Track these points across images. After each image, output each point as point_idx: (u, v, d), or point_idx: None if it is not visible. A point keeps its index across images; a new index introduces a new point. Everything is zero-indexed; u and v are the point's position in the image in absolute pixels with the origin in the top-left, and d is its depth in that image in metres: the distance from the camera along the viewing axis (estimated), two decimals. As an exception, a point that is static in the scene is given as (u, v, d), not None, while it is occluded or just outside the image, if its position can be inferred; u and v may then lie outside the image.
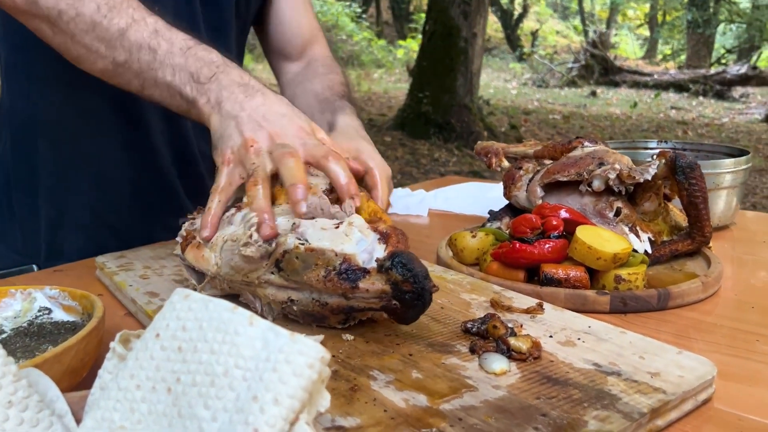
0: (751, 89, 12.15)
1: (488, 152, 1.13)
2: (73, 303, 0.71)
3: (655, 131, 8.29)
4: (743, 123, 9.17)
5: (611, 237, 0.84)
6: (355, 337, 0.68)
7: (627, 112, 9.79)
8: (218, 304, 0.43)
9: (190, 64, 0.81)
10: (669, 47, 18.82)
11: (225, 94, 0.79)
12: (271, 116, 0.77)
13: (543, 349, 0.64)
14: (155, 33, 0.82)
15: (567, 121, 8.72)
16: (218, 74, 0.80)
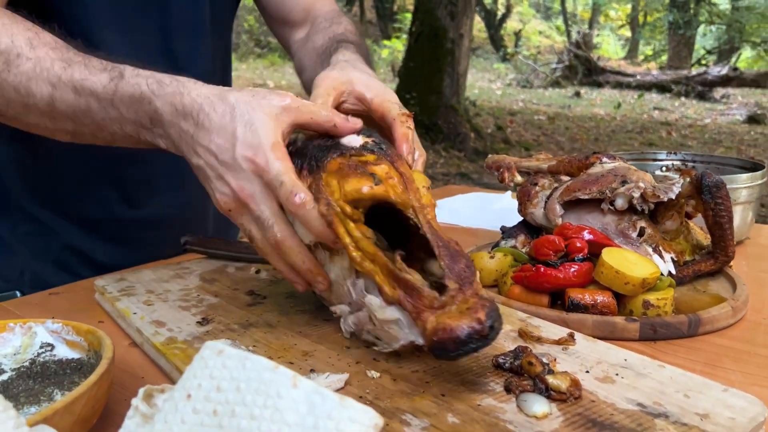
0: (731, 90, 12.29)
1: (500, 166, 1.10)
2: (78, 338, 0.66)
3: (640, 132, 8.33)
4: (725, 124, 9.26)
5: (638, 260, 0.81)
6: (381, 374, 0.64)
7: (611, 112, 9.84)
8: (257, 362, 0.39)
9: (124, 112, 0.73)
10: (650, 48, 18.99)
11: (175, 137, 0.71)
12: (224, 154, 0.67)
13: (582, 387, 0.61)
14: (76, 91, 0.74)
15: (552, 122, 8.74)
16: (155, 114, 0.71)
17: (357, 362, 0.67)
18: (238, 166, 0.66)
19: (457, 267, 0.63)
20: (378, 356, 0.68)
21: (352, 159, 0.68)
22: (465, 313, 0.58)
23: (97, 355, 0.64)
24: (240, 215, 0.69)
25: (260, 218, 0.67)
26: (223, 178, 0.68)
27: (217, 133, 0.68)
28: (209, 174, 0.69)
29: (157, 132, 0.73)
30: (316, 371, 0.65)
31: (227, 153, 0.67)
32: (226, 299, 0.85)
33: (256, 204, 0.67)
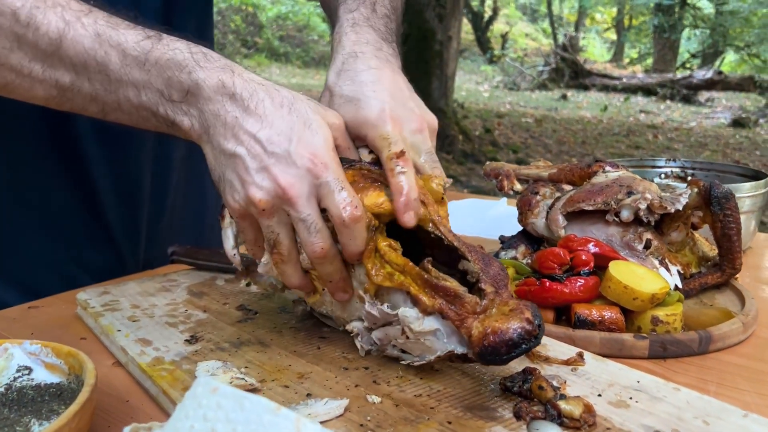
0: (716, 94, 12.38)
1: (499, 174, 1.06)
2: (58, 361, 0.62)
3: (626, 135, 8.36)
4: (711, 127, 9.32)
5: (646, 274, 0.78)
6: (382, 399, 0.61)
7: (597, 115, 9.88)
8: (257, 403, 0.36)
9: (153, 76, 0.63)
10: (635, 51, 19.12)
11: (210, 117, 0.62)
12: (275, 146, 0.61)
13: (596, 413, 0.58)
14: (98, 38, 0.63)
15: (539, 124, 8.75)
16: (194, 86, 0.63)
17: (356, 385, 0.63)
18: (292, 162, 0.60)
19: (491, 270, 0.62)
20: (378, 378, 0.64)
21: (364, 172, 0.66)
22: (510, 314, 0.57)
23: (78, 379, 0.59)
24: (272, 216, 0.62)
25: (305, 222, 0.61)
26: (268, 171, 0.60)
27: (271, 122, 0.61)
28: (249, 165, 0.61)
29: (186, 108, 0.63)
30: (313, 396, 0.61)
31: (281, 145, 0.61)
32: (216, 315, 0.81)
33: (302, 205, 0.60)
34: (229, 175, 0.63)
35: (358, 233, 0.61)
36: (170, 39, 0.65)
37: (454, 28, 6.96)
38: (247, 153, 0.61)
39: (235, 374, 0.62)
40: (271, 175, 0.60)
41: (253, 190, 0.61)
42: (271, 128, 0.61)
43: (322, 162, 0.61)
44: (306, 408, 0.57)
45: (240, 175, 0.62)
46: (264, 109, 0.62)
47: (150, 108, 0.65)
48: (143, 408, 0.65)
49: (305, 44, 13.13)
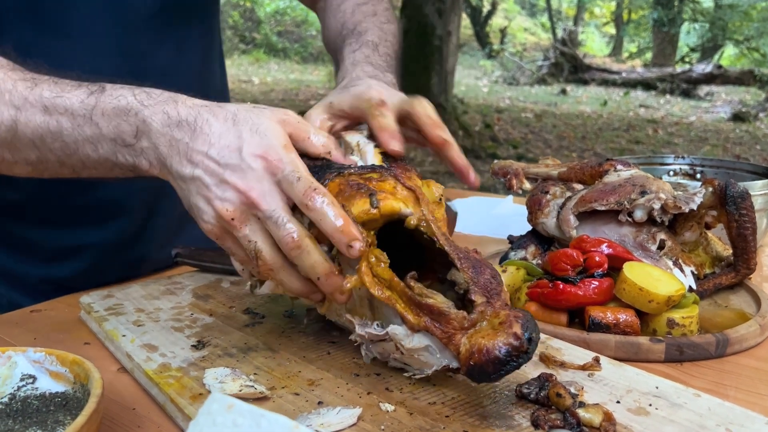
0: (715, 88, 12.35)
1: (507, 173, 1.05)
2: (62, 369, 0.60)
3: (626, 130, 8.34)
4: (711, 122, 9.30)
5: (661, 276, 0.77)
6: (396, 407, 0.59)
7: (597, 110, 9.85)
8: (274, 421, 0.34)
9: (104, 128, 0.66)
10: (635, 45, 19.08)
11: (163, 150, 0.64)
12: (227, 157, 0.62)
13: (615, 421, 0.56)
14: (46, 110, 0.67)
15: (539, 119, 8.73)
16: (143, 125, 0.65)
17: (368, 393, 0.62)
18: (246, 166, 0.61)
19: (482, 279, 0.59)
20: (391, 385, 0.63)
21: (352, 178, 0.63)
22: (498, 329, 0.54)
23: (83, 388, 0.58)
24: (244, 224, 0.62)
25: (271, 218, 0.61)
26: (226, 182, 0.61)
27: (219, 137, 0.63)
28: (208, 181, 0.62)
29: (140, 147, 0.65)
30: (324, 404, 0.59)
31: (233, 155, 0.62)
32: (222, 319, 0.80)
33: (267, 203, 0.61)
34: (195, 199, 0.64)
35: (327, 215, 0.60)
36: (113, 88, 0.67)
37: (453, 23, 6.93)
38: (204, 172, 0.63)
39: (244, 382, 0.60)
40: (230, 185, 0.62)
41: (218, 204, 0.62)
42: (220, 142, 0.63)
43: (276, 158, 0.62)
44: (318, 417, 0.56)
45: (203, 194, 0.63)
46: (210, 127, 0.64)
47: (109, 159, 0.67)
48: (150, 416, 0.63)
49: (303, 40, 13.08)
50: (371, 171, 0.65)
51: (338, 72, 0.87)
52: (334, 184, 0.63)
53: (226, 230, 0.63)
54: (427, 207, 0.64)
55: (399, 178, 0.65)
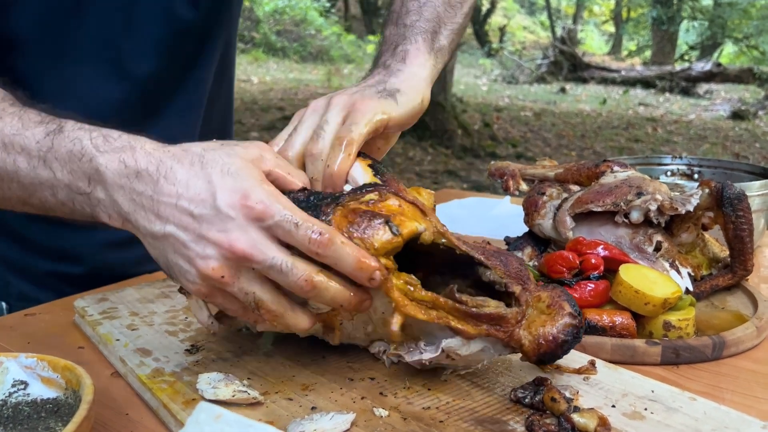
0: (714, 86, 12.34)
1: (504, 174, 1.04)
2: (54, 375, 0.60)
3: (626, 129, 8.34)
4: (710, 120, 9.30)
5: (657, 278, 0.76)
6: (390, 412, 0.59)
7: (597, 108, 9.85)
8: (262, 431, 0.34)
9: (57, 173, 0.60)
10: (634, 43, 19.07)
11: (124, 204, 0.57)
12: (201, 207, 0.55)
13: (610, 426, 0.56)
14: (5, 148, 0.62)
15: (539, 118, 8.72)
16: (95, 174, 0.58)
17: (362, 397, 0.61)
18: (225, 216, 0.54)
19: (512, 269, 0.61)
20: (385, 390, 0.63)
21: (352, 205, 0.59)
22: (550, 312, 0.59)
23: (75, 394, 0.58)
24: (236, 279, 0.56)
25: (273, 267, 0.55)
26: (206, 237, 0.55)
27: (186, 186, 0.56)
28: (184, 238, 0.55)
29: (96, 197, 0.59)
30: (318, 409, 0.59)
31: (206, 205, 0.55)
32: (217, 322, 0.79)
33: (262, 253, 0.54)
34: (173, 258, 0.57)
35: (342, 255, 0.55)
36: (72, 128, 0.62)
37: (452, 21, 6.91)
38: (177, 228, 0.56)
39: (237, 387, 0.60)
40: (210, 240, 0.55)
41: (202, 263, 0.55)
42: (189, 192, 0.56)
43: (258, 202, 0.55)
44: (311, 423, 0.55)
45: (182, 253, 0.56)
46: (175, 175, 0.57)
47: (67, 205, 0.62)
48: (143, 422, 0.63)
49: (303, 39, 13.07)
50: (367, 192, 0.61)
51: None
52: (338, 218, 0.58)
53: (216, 287, 0.57)
54: (433, 217, 0.63)
55: (398, 193, 0.62)
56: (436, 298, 0.58)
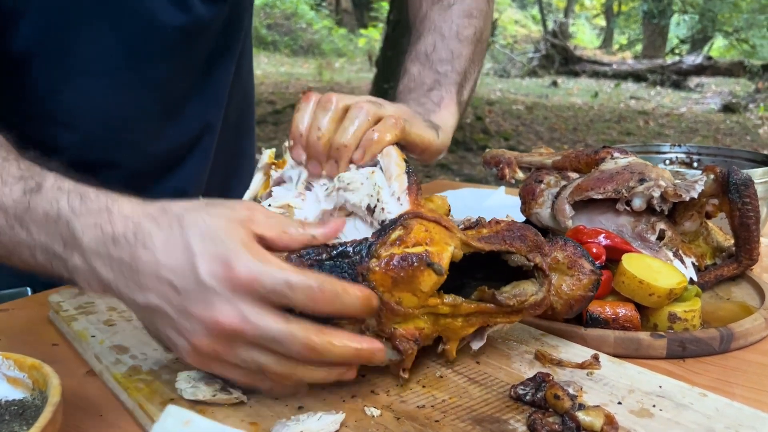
0: (705, 79, 12.36)
1: (499, 162, 1.00)
2: (21, 374, 0.56)
3: (617, 122, 8.33)
4: (701, 113, 9.30)
5: (661, 267, 0.73)
6: (382, 411, 0.55)
7: (588, 102, 9.84)
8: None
9: (35, 235, 0.56)
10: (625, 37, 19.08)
11: (104, 273, 0.53)
12: (183, 280, 0.50)
13: (618, 424, 0.52)
14: None
15: (530, 111, 8.70)
16: (71, 239, 0.54)
17: (353, 396, 0.58)
18: (208, 290, 0.49)
19: (530, 242, 0.61)
20: (377, 388, 0.59)
21: (384, 253, 0.54)
22: (573, 273, 0.63)
23: (42, 395, 0.53)
24: (230, 351, 0.51)
25: (266, 337, 0.49)
26: (191, 314, 0.49)
27: (165, 254, 0.50)
28: (171, 313, 0.50)
29: (73, 264, 0.54)
30: (305, 409, 0.55)
31: (188, 276, 0.49)
32: (199, 317, 0.75)
33: (254, 326, 0.49)
34: (162, 328, 0.53)
35: (345, 299, 0.50)
36: (50, 187, 0.57)
37: (443, 14, 6.86)
38: (161, 300, 0.51)
39: (218, 386, 0.56)
40: (196, 317, 0.49)
41: (192, 337, 0.50)
42: (169, 261, 0.50)
43: (245, 271, 0.49)
44: (297, 424, 0.51)
45: (171, 325, 0.52)
46: (153, 242, 0.51)
47: (47, 267, 0.57)
48: (118, 423, 0.59)
49: (293, 32, 12.98)
50: (391, 231, 0.56)
51: None
52: (379, 278, 0.54)
53: (210, 356, 0.51)
54: (455, 229, 0.59)
55: (420, 215, 0.57)
56: (480, 307, 0.59)
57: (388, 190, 0.61)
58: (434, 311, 0.57)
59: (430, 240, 0.56)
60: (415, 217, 0.57)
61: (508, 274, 0.63)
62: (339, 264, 0.54)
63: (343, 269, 0.54)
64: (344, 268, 0.54)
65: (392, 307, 0.54)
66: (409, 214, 0.58)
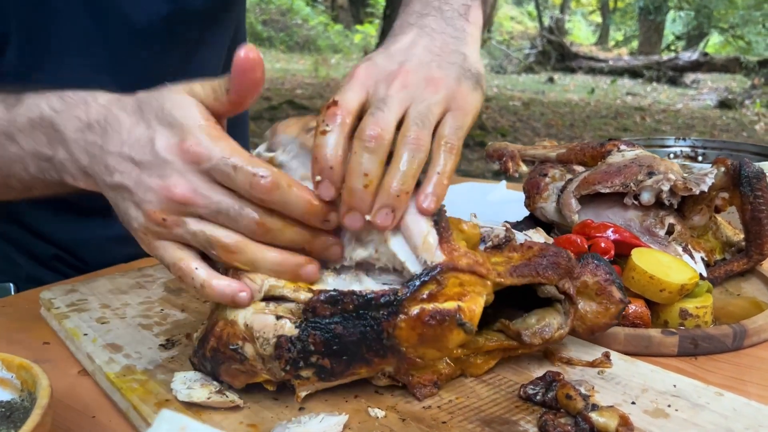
0: (701, 75, 12.36)
1: (502, 155, 0.98)
2: (8, 375, 0.53)
3: (614, 118, 8.32)
4: (697, 109, 9.30)
5: (672, 262, 0.71)
6: (386, 412, 0.53)
7: (585, 98, 9.82)
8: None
9: (23, 144, 0.59)
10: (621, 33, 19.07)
11: (82, 159, 0.56)
12: (141, 154, 0.53)
13: (633, 426, 0.50)
14: None
15: (527, 108, 8.68)
16: (54, 134, 0.57)
17: (356, 396, 0.55)
18: (163, 161, 0.52)
19: (561, 270, 0.57)
20: (381, 388, 0.57)
21: (413, 309, 0.51)
22: (600, 301, 0.60)
23: (31, 396, 0.51)
24: (180, 223, 0.52)
25: (220, 211, 0.51)
26: (147, 183, 0.52)
27: (129, 132, 0.54)
28: (131, 186, 0.53)
29: (59, 159, 0.57)
30: (306, 410, 0.53)
31: (145, 150, 0.52)
32: (195, 314, 0.73)
33: (204, 197, 0.51)
34: (125, 207, 0.55)
35: (289, 199, 0.50)
36: (30, 97, 0.60)
37: (440, 9, 6.83)
38: (124, 176, 0.54)
39: (214, 388, 0.54)
40: (151, 186, 0.52)
41: (146, 206, 0.52)
42: (131, 138, 0.54)
43: (193, 145, 0.51)
44: (299, 427, 0.49)
45: (131, 200, 0.54)
46: (120, 123, 0.55)
47: (40, 177, 0.60)
48: (111, 425, 0.56)
49: (289, 28, 12.92)
50: (422, 285, 0.51)
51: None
52: (404, 333, 0.51)
53: (160, 232, 0.53)
54: (490, 272, 0.54)
55: (456, 268, 0.52)
56: (502, 344, 0.57)
57: (414, 261, 0.53)
58: (455, 356, 0.56)
59: (464, 294, 0.52)
60: (449, 270, 0.52)
61: (526, 293, 0.59)
62: (363, 315, 0.51)
63: (368, 323, 0.51)
64: (369, 322, 0.51)
65: (414, 361, 0.53)
66: (443, 266, 0.52)
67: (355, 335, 0.50)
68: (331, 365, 0.51)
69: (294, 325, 0.50)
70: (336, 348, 0.50)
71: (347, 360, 0.51)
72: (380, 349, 0.51)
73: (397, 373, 0.54)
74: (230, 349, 0.52)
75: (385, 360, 0.52)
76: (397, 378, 0.55)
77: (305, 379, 0.52)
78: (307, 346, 0.50)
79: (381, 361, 0.52)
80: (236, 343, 0.52)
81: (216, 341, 0.53)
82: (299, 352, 0.50)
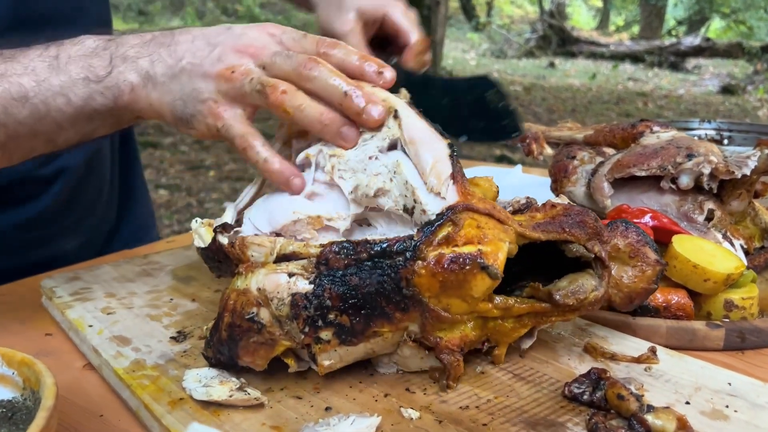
0: (703, 60, 12.28)
1: (526, 137, 0.94)
2: (10, 371, 0.49)
3: (616, 103, 8.25)
4: (699, 94, 9.24)
5: (715, 250, 0.67)
6: (421, 413, 0.49)
7: (586, 83, 9.75)
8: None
9: (73, 72, 0.60)
10: (621, 18, 18.94)
11: (144, 63, 0.60)
12: (219, 37, 0.59)
13: (692, 428, 0.46)
14: (3, 78, 0.61)
15: (528, 92, 8.61)
16: (115, 51, 0.61)
17: (386, 395, 0.51)
18: (241, 33, 0.59)
19: (589, 229, 0.53)
20: (413, 386, 0.52)
21: (432, 253, 0.48)
22: (635, 264, 0.56)
23: (35, 394, 0.47)
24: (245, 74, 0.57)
25: (279, 53, 0.57)
26: (221, 44, 0.58)
27: (201, 32, 0.61)
28: (200, 53, 0.58)
29: (116, 73, 0.60)
30: (334, 410, 0.49)
31: (221, 31, 0.60)
32: (206, 304, 0.68)
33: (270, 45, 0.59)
34: (191, 87, 0.58)
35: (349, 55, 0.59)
36: (71, 40, 0.63)
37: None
38: (193, 55, 0.59)
39: (234, 385, 0.49)
40: (226, 47, 0.58)
41: (217, 67, 0.58)
42: (205, 34, 0.60)
43: (270, 25, 0.61)
44: (327, 429, 0.45)
45: (200, 74, 0.58)
46: (186, 31, 0.61)
47: (85, 107, 0.61)
48: (120, 425, 0.52)
49: (287, 11, 12.78)
50: (438, 227, 0.49)
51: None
52: (426, 279, 0.48)
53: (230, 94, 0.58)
54: (510, 219, 0.51)
55: (471, 208, 0.50)
56: (533, 307, 0.52)
57: (424, 189, 0.51)
58: (483, 315, 0.51)
59: (483, 237, 0.48)
60: (465, 210, 0.49)
61: (555, 261, 0.56)
62: (379, 264, 0.48)
63: (384, 271, 0.48)
64: (385, 270, 0.48)
65: (439, 314, 0.48)
66: (458, 206, 0.49)
67: (373, 285, 0.48)
68: (350, 322, 0.49)
69: (308, 281, 0.48)
70: (354, 302, 0.48)
71: (367, 315, 0.48)
72: (401, 301, 0.48)
73: (423, 332, 0.50)
74: (246, 320, 0.50)
75: (407, 315, 0.49)
76: (423, 341, 0.51)
77: (326, 342, 0.49)
78: (324, 302, 0.48)
79: (403, 316, 0.49)
80: (251, 311, 0.50)
81: (230, 315, 0.51)
82: (316, 308, 0.48)
